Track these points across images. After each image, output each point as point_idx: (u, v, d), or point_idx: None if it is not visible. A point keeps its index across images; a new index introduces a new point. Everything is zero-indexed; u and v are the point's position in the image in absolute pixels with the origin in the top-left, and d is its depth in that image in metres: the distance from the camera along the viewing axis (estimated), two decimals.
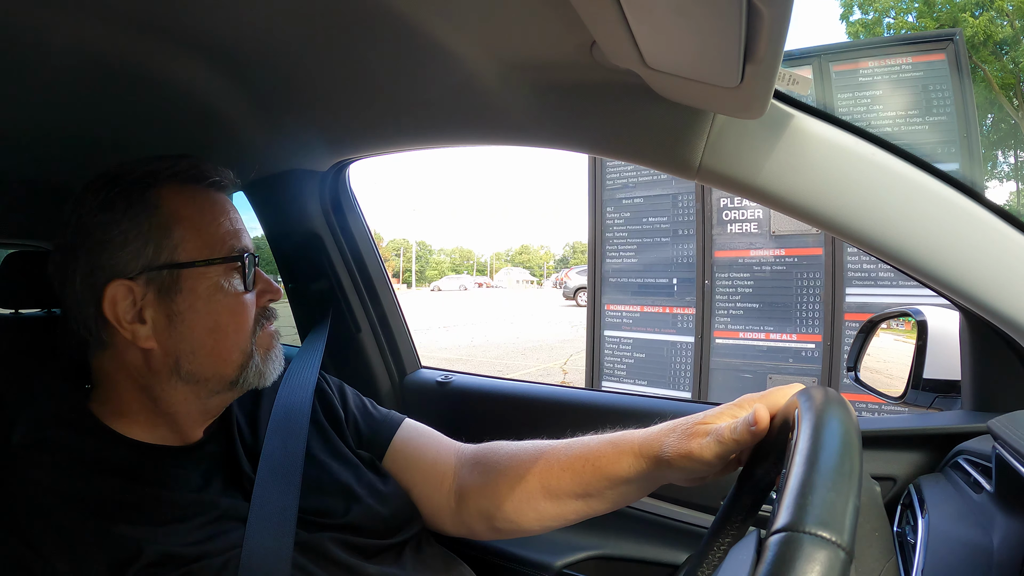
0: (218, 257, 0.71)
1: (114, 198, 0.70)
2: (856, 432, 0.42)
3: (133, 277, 0.68)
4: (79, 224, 0.70)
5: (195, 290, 0.70)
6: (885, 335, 1.12)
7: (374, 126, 1.04)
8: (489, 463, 0.83)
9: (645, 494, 0.76)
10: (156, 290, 0.69)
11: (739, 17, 0.43)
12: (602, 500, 0.76)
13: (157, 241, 0.69)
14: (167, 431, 0.73)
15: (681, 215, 3.90)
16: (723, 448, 0.62)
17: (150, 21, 0.76)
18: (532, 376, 7.29)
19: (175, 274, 0.69)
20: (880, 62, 3.37)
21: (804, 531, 0.33)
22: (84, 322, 0.70)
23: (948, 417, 0.90)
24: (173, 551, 0.62)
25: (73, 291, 0.69)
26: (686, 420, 0.68)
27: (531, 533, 0.81)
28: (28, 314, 1.67)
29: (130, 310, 0.68)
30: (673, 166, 0.76)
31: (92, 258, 0.68)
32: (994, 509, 0.65)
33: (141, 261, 0.68)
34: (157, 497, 0.66)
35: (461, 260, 74.46)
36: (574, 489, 0.76)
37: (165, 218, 0.70)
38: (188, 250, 0.70)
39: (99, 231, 0.68)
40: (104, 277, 0.68)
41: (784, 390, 0.61)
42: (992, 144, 15.58)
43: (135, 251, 0.68)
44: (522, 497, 0.78)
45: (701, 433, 0.65)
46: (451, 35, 0.71)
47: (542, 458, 0.79)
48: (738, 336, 3.69)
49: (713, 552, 0.61)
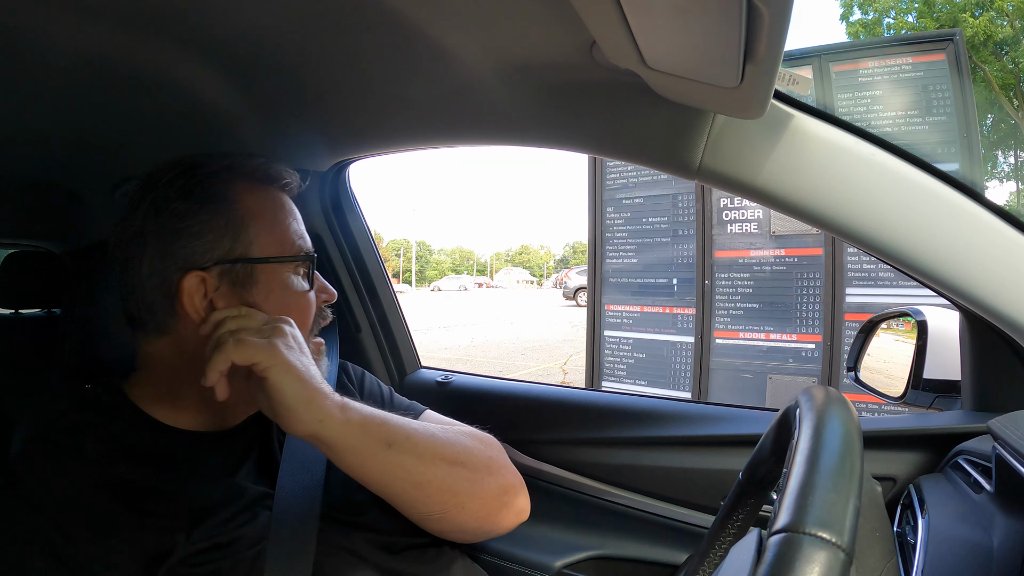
0: (289, 255, 0.74)
1: (192, 188, 0.70)
2: (857, 432, 0.42)
3: (207, 268, 0.69)
4: (152, 209, 0.70)
5: (269, 284, 0.71)
6: (885, 335, 1.12)
7: (374, 126, 1.04)
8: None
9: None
10: (230, 282, 0.70)
11: (739, 17, 0.43)
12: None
13: (234, 235, 0.70)
14: (211, 416, 0.73)
15: (681, 215, 3.89)
16: None
17: (150, 22, 0.76)
18: (532, 376, 7.29)
19: (249, 268, 0.70)
20: (880, 62, 3.37)
21: (804, 532, 0.33)
22: (148, 307, 0.70)
23: (948, 417, 0.90)
24: (207, 544, 0.63)
25: (138, 275, 0.69)
26: None
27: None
28: (28, 314, 1.67)
29: (202, 300, 0.69)
30: (673, 166, 0.76)
31: (164, 244, 0.69)
32: (994, 509, 0.65)
33: (217, 253, 0.69)
34: (193, 487, 0.67)
35: (461, 260, 74.44)
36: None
37: (241, 213, 0.71)
38: (262, 246, 0.72)
39: (175, 219, 0.69)
40: (177, 265, 0.68)
41: None
42: (992, 144, 15.58)
43: (211, 242, 0.69)
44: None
45: None
46: (451, 35, 0.72)
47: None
48: (738, 336, 3.69)
49: (714, 552, 0.61)
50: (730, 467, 1.02)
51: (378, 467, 0.68)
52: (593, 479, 1.14)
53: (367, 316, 1.39)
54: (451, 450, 0.75)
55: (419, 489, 0.70)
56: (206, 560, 0.63)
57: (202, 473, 0.69)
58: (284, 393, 0.62)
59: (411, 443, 0.71)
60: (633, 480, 1.10)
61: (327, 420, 0.64)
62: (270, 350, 0.62)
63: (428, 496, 0.71)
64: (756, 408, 1.10)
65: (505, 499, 0.79)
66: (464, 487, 0.74)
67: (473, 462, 0.76)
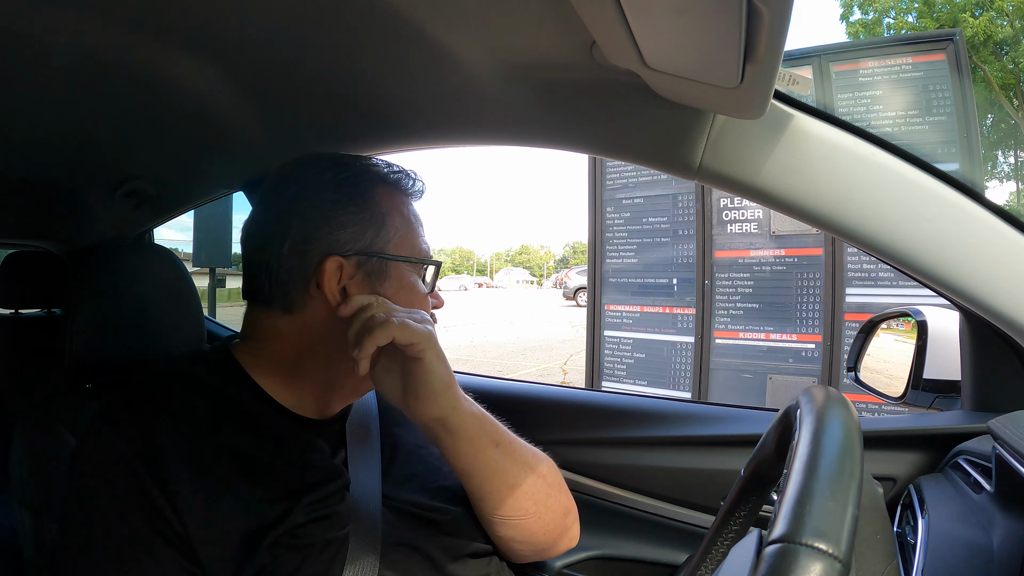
0: (420, 258, 0.78)
1: (343, 182, 0.75)
2: (858, 434, 0.42)
3: (347, 255, 0.73)
4: (301, 194, 0.74)
5: (401, 281, 0.76)
6: (885, 335, 1.12)
7: (374, 126, 1.04)
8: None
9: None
10: (366, 273, 0.74)
11: (739, 17, 0.43)
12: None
13: (375, 230, 0.74)
14: (312, 401, 0.76)
15: (681, 215, 3.89)
16: None
17: (151, 22, 0.76)
18: (532, 376, 7.28)
19: (384, 263, 0.75)
20: (880, 62, 3.37)
21: (800, 543, 0.33)
22: (282, 284, 0.73)
23: (948, 417, 0.90)
24: (307, 518, 0.66)
25: (276, 253, 0.73)
26: None
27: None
28: (28, 314, 1.67)
29: (335, 286, 0.72)
30: (673, 166, 0.76)
31: (310, 228, 0.72)
32: (994, 509, 0.65)
33: (359, 244, 0.73)
34: (300, 463, 0.70)
35: (461, 260, 74.45)
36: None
37: (383, 212, 0.76)
38: (398, 246, 0.76)
39: (325, 207, 0.73)
40: (320, 250, 0.72)
41: None
42: (992, 144, 15.58)
43: (355, 234, 0.73)
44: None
45: None
46: (451, 35, 0.72)
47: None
48: (738, 336, 3.68)
49: (714, 552, 0.61)
50: (730, 467, 1.02)
51: (484, 461, 0.73)
52: (593, 479, 1.14)
53: None
54: (537, 462, 0.80)
55: (511, 491, 0.75)
56: (306, 533, 0.65)
57: (307, 452, 0.72)
58: (433, 375, 0.67)
59: (512, 446, 0.77)
60: (633, 480, 1.10)
61: (459, 407, 0.70)
62: (429, 335, 0.67)
63: (516, 499, 0.76)
64: (756, 408, 1.10)
65: (567, 521, 0.84)
66: (542, 499, 0.79)
67: (552, 480, 0.82)
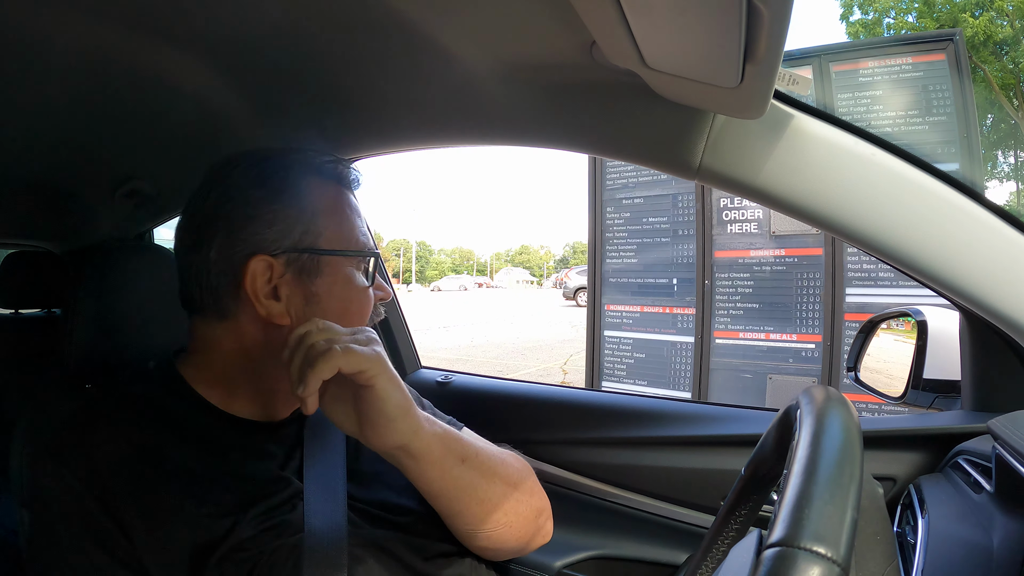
0: (353, 250, 0.75)
1: (267, 177, 0.72)
2: (858, 435, 0.41)
3: (275, 255, 0.70)
4: (225, 195, 0.71)
5: (334, 276, 0.73)
6: (885, 335, 1.12)
7: (374, 126, 1.04)
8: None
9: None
10: (296, 271, 0.70)
11: (739, 17, 0.43)
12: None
13: (304, 226, 0.71)
14: (260, 407, 0.74)
15: (681, 215, 3.89)
16: None
17: (150, 22, 0.76)
18: (532, 376, 7.28)
19: (316, 259, 0.71)
20: (880, 62, 3.37)
21: (799, 546, 0.33)
22: (211, 290, 0.70)
23: (948, 417, 0.90)
24: (255, 531, 0.64)
25: (204, 257, 0.70)
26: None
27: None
28: (28, 314, 1.67)
29: (265, 286, 0.69)
30: (673, 166, 0.76)
31: (235, 230, 0.69)
32: (994, 509, 0.65)
33: (287, 241, 0.70)
34: (245, 474, 0.67)
35: (461, 260, 74.44)
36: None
37: (312, 206, 0.72)
38: (330, 239, 0.73)
39: (249, 206, 0.70)
40: (245, 250, 0.69)
41: None
42: (992, 144, 15.58)
43: (282, 231, 0.70)
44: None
45: None
46: (451, 35, 0.71)
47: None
48: (738, 336, 3.68)
49: (714, 552, 0.61)
50: (730, 467, 1.02)
51: (452, 481, 0.69)
52: (593, 479, 1.14)
53: None
54: (505, 470, 0.77)
55: (480, 505, 0.72)
56: (253, 545, 0.63)
57: (254, 461, 0.70)
58: (387, 402, 0.62)
59: (479, 460, 0.73)
60: (633, 480, 1.10)
61: (419, 431, 0.65)
62: (378, 359, 0.61)
63: (487, 512, 0.73)
64: (756, 408, 1.10)
65: (540, 521, 0.82)
66: (514, 507, 0.76)
67: (522, 484, 0.79)
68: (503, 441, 1.23)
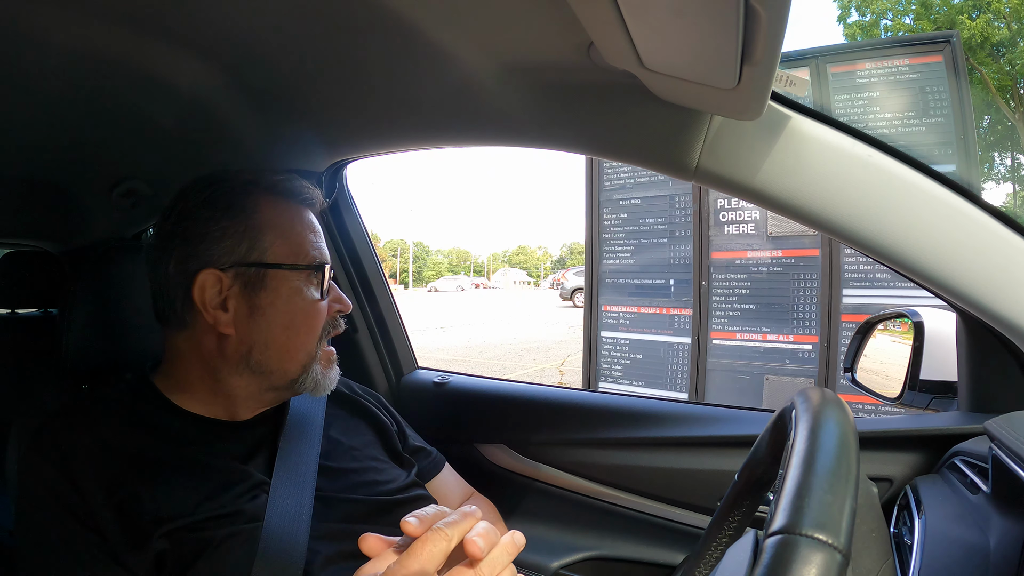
0: (302, 264, 0.79)
1: (217, 198, 0.77)
2: (853, 433, 0.42)
3: (224, 268, 0.75)
4: (181, 215, 0.77)
5: (278, 289, 0.77)
6: (882, 336, 1.12)
7: (371, 126, 1.04)
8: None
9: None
10: (243, 284, 0.76)
11: (736, 19, 0.43)
12: None
13: (251, 241, 0.76)
14: (220, 409, 0.80)
15: (678, 216, 3.89)
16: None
17: (149, 22, 0.76)
18: (529, 377, 7.28)
19: (262, 272, 0.76)
20: (877, 64, 3.37)
21: (800, 533, 0.33)
22: (170, 302, 0.77)
23: (945, 418, 0.90)
24: (210, 514, 0.69)
25: (165, 273, 0.77)
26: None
27: None
28: (24, 314, 1.66)
29: (215, 298, 0.75)
30: (670, 167, 0.76)
31: (189, 247, 0.76)
32: (991, 510, 0.65)
33: (234, 256, 0.76)
34: (205, 464, 0.73)
35: (458, 261, 74.39)
36: None
37: (260, 222, 0.77)
38: (277, 254, 0.78)
39: (200, 224, 0.76)
40: (197, 265, 0.75)
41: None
42: (989, 146, 15.61)
43: (230, 247, 0.76)
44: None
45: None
46: (448, 35, 0.71)
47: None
48: (735, 337, 3.69)
49: (710, 553, 0.61)
50: (726, 468, 1.02)
51: None
52: (590, 480, 1.14)
53: (364, 317, 1.38)
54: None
55: None
56: (208, 527, 0.68)
57: (213, 454, 0.75)
58: None
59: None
60: (630, 481, 1.10)
61: None
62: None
63: None
64: (753, 409, 1.10)
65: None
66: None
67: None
68: (499, 442, 1.24)
